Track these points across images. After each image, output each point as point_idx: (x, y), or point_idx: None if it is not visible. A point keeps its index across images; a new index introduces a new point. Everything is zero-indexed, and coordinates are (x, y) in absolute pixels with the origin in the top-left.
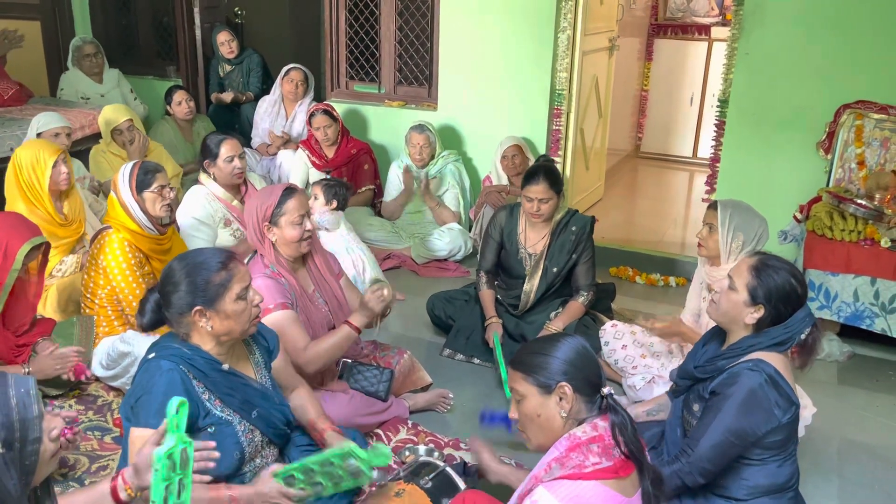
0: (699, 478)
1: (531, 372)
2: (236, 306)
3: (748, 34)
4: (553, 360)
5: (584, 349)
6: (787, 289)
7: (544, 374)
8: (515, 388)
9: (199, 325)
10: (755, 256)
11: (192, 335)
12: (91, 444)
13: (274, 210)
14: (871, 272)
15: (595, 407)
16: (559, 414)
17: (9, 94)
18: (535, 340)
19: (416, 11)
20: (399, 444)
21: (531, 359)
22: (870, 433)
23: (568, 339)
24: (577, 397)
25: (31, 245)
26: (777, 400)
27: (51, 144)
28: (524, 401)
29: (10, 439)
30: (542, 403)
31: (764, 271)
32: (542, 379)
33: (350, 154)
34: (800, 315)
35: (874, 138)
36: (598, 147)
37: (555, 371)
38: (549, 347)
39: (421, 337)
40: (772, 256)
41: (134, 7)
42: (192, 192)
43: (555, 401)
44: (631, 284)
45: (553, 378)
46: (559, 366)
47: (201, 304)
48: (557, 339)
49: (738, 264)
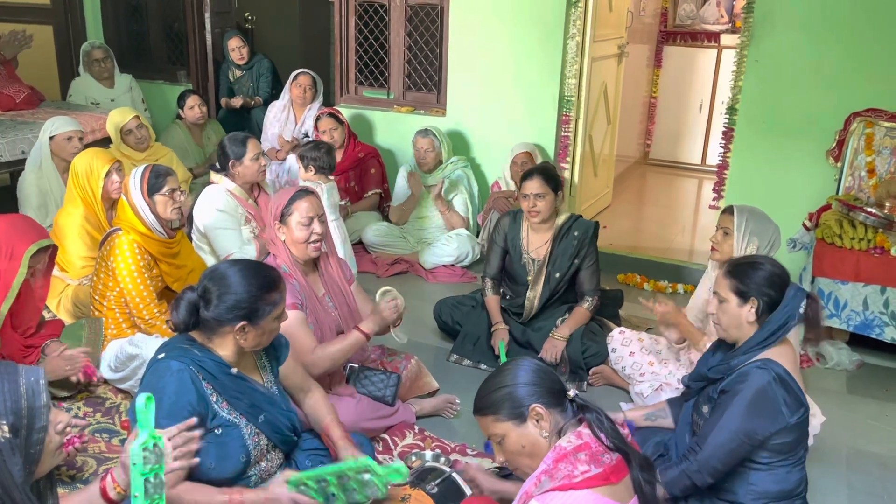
0: (708, 477)
1: (499, 410)
2: (274, 325)
3: (758, 41)
4: (514, 388)
5: (533, 365)
6: (766, 275)
7: (512, 405)
8: (492, 432)
9: (234, 337)
10: (725, 264)
11: (215, 341)
12: (99, 446)
13: (283, 209)
14: (880, 281)
15: (568, 413)
16: (541, 435)
17: (20, 97)
18: (486, 381)
19: (425, 17)
20: (405, 449)
21: (493, 398)
22: (879, 443)
23: (515, 364)
24: (551, 411)
25: (38, 247)
26: (785, 398)
27: (105, 153)
28: (505, 440)
29: (18, 425)
30: (522, 433)
31: (739, 269)
32: (513, 410)
33: (357, 158)
34: (790, 293)
35: (884, 146)
36: (606, 154)
37: (521, 397)
38: (503, 379)
39: (428, 342)
40: (741, 257)
41: (145, 12)
42: (208, 191)
43: (532, 424)
44: (639, 291)
45: (522, 404)
46: (522, 391)
47: (247, 319)
48: (505, 369)
49: (716, 279)
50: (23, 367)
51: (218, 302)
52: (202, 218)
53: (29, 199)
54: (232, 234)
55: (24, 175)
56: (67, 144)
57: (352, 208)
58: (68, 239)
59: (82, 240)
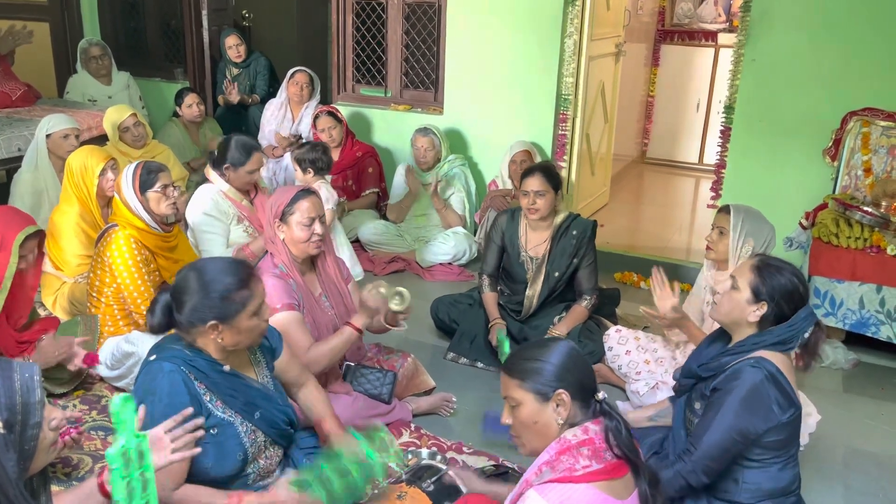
0: (703, 476)
1: (527, 378)
2: (251, 323)
3: (755, 41)
4: (548, 365)
5: (577, 353)
6: (789, 287)
7: (541, 380)
8: (511, 394)
9: (210, 337)
10: (757, 257)
11: (197, 341)
12: (94, 443)
13: (285, 208)
14: (876, 280)
15: (590, 412)
16: (556, 421)
17: (17, 94)
18: (528, 346)
19: (422, 16)
20: (402, 447)
21: (526, 365)
22: (875, 442)
23: (561, 344)
24: (574, 403)
25: (25, 234)
26: (777, 397)
27: (100, 151)
28: (520, 407)
29: (12, 421)
30: (539, 410)
31: (767, 270)
32: (539, 386)
33: (355, 156)
34: (802, 314)
35: (881, 145)
36: (603, 152)
37: (551, 377)
38: (543, 353)
39: (425, 340)
40: (773, 257)
41: (142, 10)
42: (201, 191)
43: (552, 408)
44: (636, 290)
45: (550, 385)
46: (555, 372)
47: (217, 319)
48: (550, 343)
49: (741, 265)
50: (17, 362)
51: (183, 304)
52: (191, 216)
53: (23, 197)
54: (213, 237)
55: (19, 173)
56: (64, 142)
57: (349, 206)
58: (64, 237)
59: (78, 238)
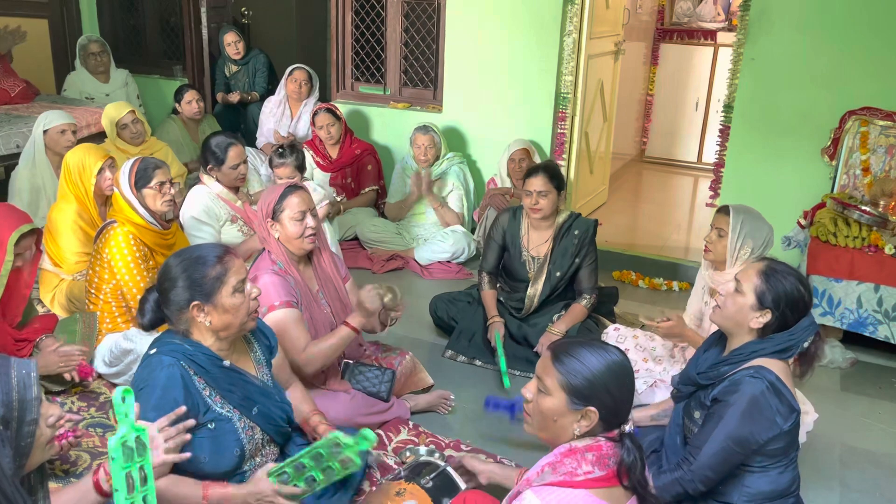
0: (700, 486)
1: (569, 377)
2: (234, 300)
3: (754, 40)
4: (595, 378)
5: (627, 377)
6: (795, 295)
7: (580, 387)
8: (545, 380)
9: (198, 320)
10: (763, 261)
11: (192, 331)
12: (93, 440)
13: (275, 206)
14: (874, 279)
15: (609, 433)
16: (574, 430)
17: (15, 91)
18: (588, 343)
19: (422, 13)
20: (400, 444)
21: (573, 364)
22: (872, 440)
23: (618, 361)
24: (600, 423)
25: (20, 233)
26: (778, 407)
27: (98, 149)
28: (547, 398)
29: (9, 417)
30: (564, 412)
31: (773, 276)
32: (576, 392)
33: (354, 154)
34: (804, 323)
35: (879, 145)
36: (602, 151)
37: (591, 391)
38: (593, 360)
39: (423, 338)
40: (780, 262)
41: (141, 7)
42: (194, 192)
43: (576, 416)
44: (634, 288)
45: (586, 397)
46: (598, 387)
47: (199, 298)
48: (608, 356)
49: (746, 268)
50: (14, 359)
51: (167, 293)
52: (182, 217)
53: (20, 193)
54: (202, 240)
55: (17, 170)
56: (61, 138)
57: (348, 204)
58: (62, 234)
59: (76, 235)
